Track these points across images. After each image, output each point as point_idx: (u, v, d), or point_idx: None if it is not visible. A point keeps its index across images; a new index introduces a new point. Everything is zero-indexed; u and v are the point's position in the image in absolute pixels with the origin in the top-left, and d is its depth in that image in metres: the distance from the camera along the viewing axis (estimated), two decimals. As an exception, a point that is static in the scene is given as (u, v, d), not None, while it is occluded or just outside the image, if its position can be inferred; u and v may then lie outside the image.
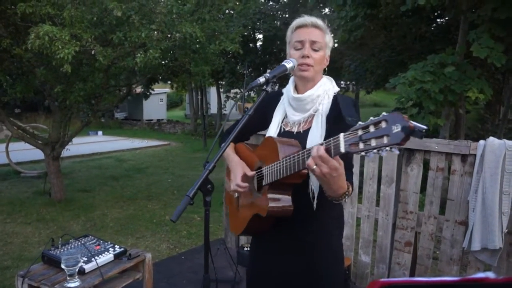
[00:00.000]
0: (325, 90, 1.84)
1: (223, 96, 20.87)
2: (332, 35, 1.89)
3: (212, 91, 25.58)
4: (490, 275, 0.94)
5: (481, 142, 3.27)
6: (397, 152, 1.22)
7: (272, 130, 1.90)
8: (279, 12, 18.37)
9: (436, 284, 0.99)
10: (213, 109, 25.38)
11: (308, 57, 1.78)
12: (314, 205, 1.77)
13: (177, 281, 4.15)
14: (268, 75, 1.67)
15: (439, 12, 9.47)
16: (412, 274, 3.72)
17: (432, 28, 10.24)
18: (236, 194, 1.97)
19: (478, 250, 3.27)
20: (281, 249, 1.90)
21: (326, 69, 1.90)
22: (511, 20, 5.56)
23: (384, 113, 1.24)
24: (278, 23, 17.80)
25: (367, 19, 8.23)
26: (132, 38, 5.83)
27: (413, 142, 3.57)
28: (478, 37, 5.37)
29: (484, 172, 3.22)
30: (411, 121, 1.18)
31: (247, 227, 1.89)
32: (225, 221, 5.06)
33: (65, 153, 8.05)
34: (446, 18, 9.65)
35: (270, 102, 1.95)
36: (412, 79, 5.44)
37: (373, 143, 1.24)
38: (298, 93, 1.86)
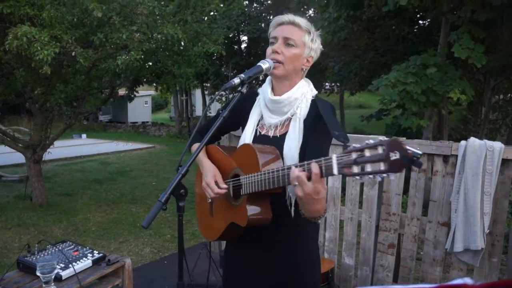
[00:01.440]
0: (303, 93, 1.79)
1: (208, 98, 20.82)
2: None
3: (197, 93, 25.53)
4: (468, 280, 0.91)
5: (463, 142, 3.27)
6: (393, 178, 1.20)
7: (248, 133, 1.85)
8: (263, 14, 18.38)
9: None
10: (198, 111, 25.28)
11: (278, 52, 1.73)
12: (292, 212, 1.74)
13: (158, 286, 4.09)
14: (243, 76, 1.62)
15: (421, 14, 9.53)
16: (395, 276, 3.71)
17: (415, 30, 10.30)
18: (209, 200, 1.92)
19: (461, 251, 3.27)
20: (257, 254, 1.86)
21: (304, 69, 1.84)
22: (490, 21, 5.62)
23: (380, 138, 1.22)
24: (263, 25, 17.80)
25: (350, 21, 8.26)
26: (113, 40, 5.76)
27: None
28: (458, 38, 5.41)
29: (466, 172, 3.22)
30: (408, 147, 1.17)
31: (222, 234, 1.85)
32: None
33: (47, 156, 7.94)
34: (428, 19, 9.72)
35: (245, 102, 1.89)
36: (394, 81, 5.46)
37: (369, 168, 1.22)
38: (275, 95, 1.81)
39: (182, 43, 6.53)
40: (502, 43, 6.10)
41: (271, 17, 17.97)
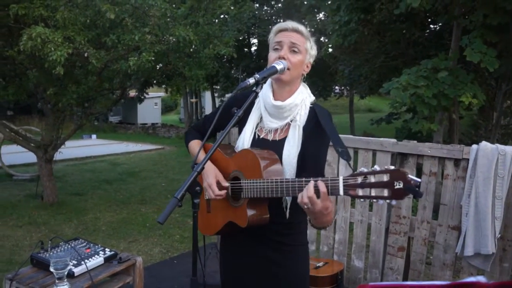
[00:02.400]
0: (303, 99, 1.84)
1: (217, 100, 20.88)
2: (325, 40, 1.90)
3: (207, 95, 25.61)
4: (481, 279, 0.93)
5: (474, 146, 3.27)
6: (394, 203, 1.35)
7: (247, 135, 1.89)
8: (273, 17, 18.44)
9: (427, 288, 0.98)
10: (208, 113, 25.30)
11: (284, 58, 1.76)
12: (287, 214, 1.81)
13: (168, 285, 4.12)
14: (258, 76, 1.65)
15: (432, 18, 9.51)
16: (405, 279, 3.71)
17: (426, 34, 10.28)
18: (207, 196, 1.95)
19: (471, 255, 3.26)
20: (251, 250, 1.93)
21: (303, 75, 1.88)
22: (503, 26, 5.60)
23: (386, 167, 1.34)
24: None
25: (361, 24, 8.26)
26: (125, 41, 5.81)
27: (406, 147, 3.57)
28: (471, 42, 5.40)
29: (477, 176, 3.22)
30: (411, 177, 1.30)
31: (220, 231, 1.93)
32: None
33: (58, 156, 8.02)
34: (440, 23, 9.70)
35: (241, 101, 1.87)
36: (406, 84, 5.45)
37: (373, 193, 1.33)
38: (275, 99, 1.84)
39: (193, 45, 6.55)
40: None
41: (281, 20, 18.01)
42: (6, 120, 9.46)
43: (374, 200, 1.34)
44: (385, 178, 1.30)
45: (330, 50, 11.03)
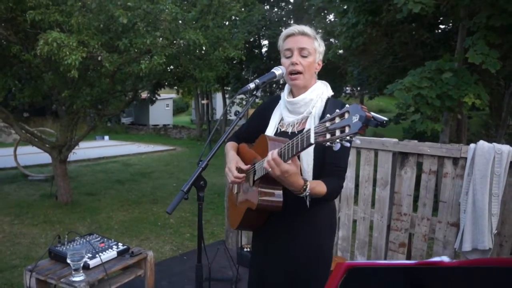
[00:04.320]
0: (318, 94, 1.98)
1: (228, 102, 21.02)
2: (336, 41, 2.06)
3: (218, 97, 25.74)
4: (445, 259, 1.04)
5: (472, 145, 3.38)
6: (358, 142, 1.36)
7: (270, 131, 2.05)
8: (283, 19, 18.56)
9: (396, 266, 1.11)
10: (219, 114, 25.49)
11: (297, 64, 1.91)
12: (308, 202, 1.88)
13: (178, 280, 4.27)
14: (258, 81, 1.83)
15: (441, 18, 9.55)
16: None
17: (434, 35, 10.30)
18: (236, 190, 2.10)
19: (469, 251, 3.37)
20: (274, 247, 2.03)
21: (316, 72, 2.02)
22: (506, 27, 5.67)
23: (347, 105, 1.37)
24: (283, 29, 17.93)
25: (369, 26, 8.35)
26: (137, 45, 5.99)
27: (407, 146, 3.70)
28: (473, 44, 5.49)
29: (475, 174, 3.33)
30: (369, 112, 1.32)
31: (242, 221, 2.01)
32: (227, 222, 5.18)
33: (72, 157, 8.20)
34: (447, 25, 9.74)
35: (270, 106, 2.12)
36: (409, 85, 5.56)
37: (337, 133, 1.35)
38: (293, 97, 2.00)
39: (204, 48, 6.71)
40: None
41: (291, 22, 18.13)
42: (21, 121, 9.68)
43: (338, 141, 1.36)
44: (347, 115, 1.34)
45: (340, 51, 11.15)
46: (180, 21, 6.52)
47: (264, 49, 20.00)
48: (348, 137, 1.33)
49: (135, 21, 6.04)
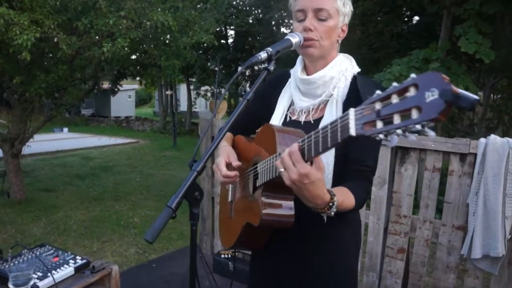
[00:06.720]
0: (341, 70, 1.48)
1: (193, 93, 20.51)
2: None
3: (182, 88, 25.26)
4: None
5: (482, 140, 3.02)
6: (432, 134, 0.82)
7: (276, 119, 1.54)
8: (252, 8, 18.12)
9: None
10: (183, 106, 24.99)
11: (310, 30, 1.41)
12: (325, 217, 1.34)
13: (147, 292, 3.77)
14: (271, 49, 1.31)
15: (417, 10, 9.37)
16: (405, 282, 3.45)
17: (409, 27, 10.17)
18: (230, 198, 1.59)
19: (479, 258, 3.02)
20: (280, 273, 1.55)
21: (339, 41, 1.52)
22: (496, 15, 5.41)
23: (413, 75, 0.84)
24: (251, 19, 17.51)
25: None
26: (98, 26, 5.42)
27: (408, 140, 3.30)
28: (465, 32, 5.18)
29: (486, 172, 2.97)
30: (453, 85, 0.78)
31: (238, 238, 1.50)
32: (201, 224, 4.70)
33: (26, 150, 7.58)
34: (422, 16, 9.54)
35: (276, 85, 1.58)
36: (398, 75, 5.23)
37: (397, 120, 0.85)
38: (307, 74, 1.49)
39: (173, 30, 6.17)
40: (504, 39, 5.92)
41: (259, 11, 17.70)
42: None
43: (400, 132, 0.86)
44: (413, 92, 0.82)
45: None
46: (146, 1, 5.97)
47: (230, 40, 19.51)
48: (417, 126, 0.81)
49: (96, -1, 5.46)
